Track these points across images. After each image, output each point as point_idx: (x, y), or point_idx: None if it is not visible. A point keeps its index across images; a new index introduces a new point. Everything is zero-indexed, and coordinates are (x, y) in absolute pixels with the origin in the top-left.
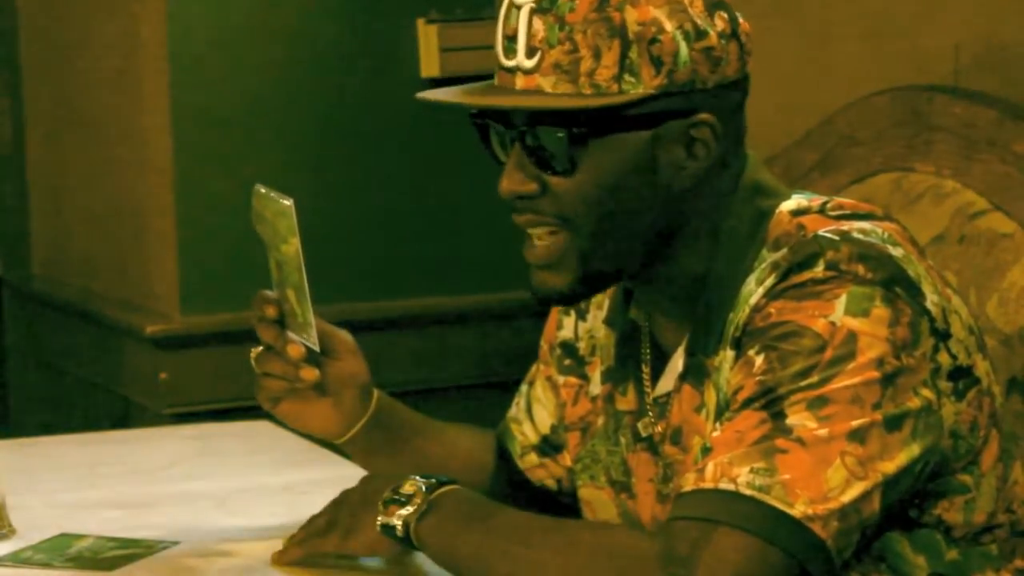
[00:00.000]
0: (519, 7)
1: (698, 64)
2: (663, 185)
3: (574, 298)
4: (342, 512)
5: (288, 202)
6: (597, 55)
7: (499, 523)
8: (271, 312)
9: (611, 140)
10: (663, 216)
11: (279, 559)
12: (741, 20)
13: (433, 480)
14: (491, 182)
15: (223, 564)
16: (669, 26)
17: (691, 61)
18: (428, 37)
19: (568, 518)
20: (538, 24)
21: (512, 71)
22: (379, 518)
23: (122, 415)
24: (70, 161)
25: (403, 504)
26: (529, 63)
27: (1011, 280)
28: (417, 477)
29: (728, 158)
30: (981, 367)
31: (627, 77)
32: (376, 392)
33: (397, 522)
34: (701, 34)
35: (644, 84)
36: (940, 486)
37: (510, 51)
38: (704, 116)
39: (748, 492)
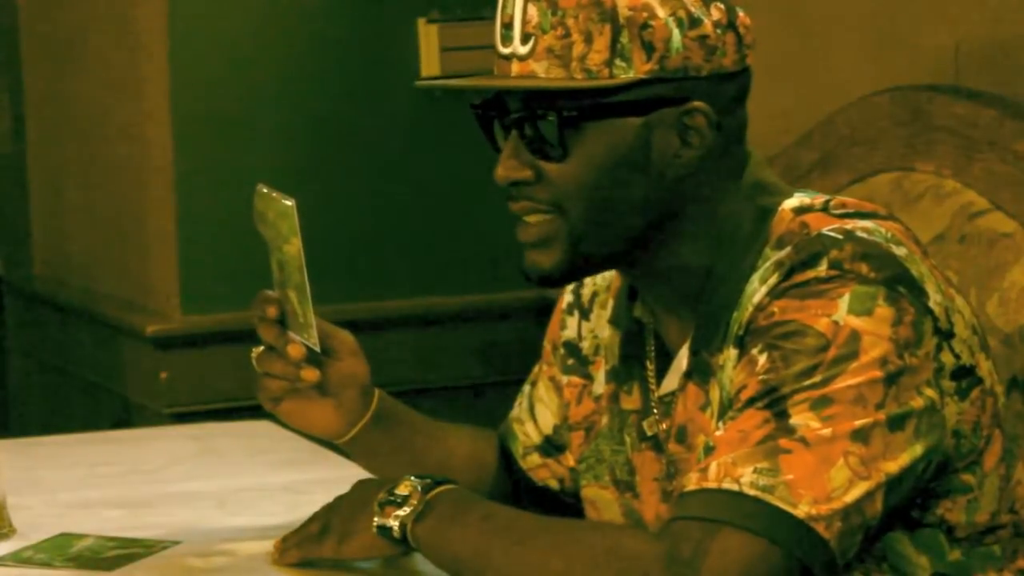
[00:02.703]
0: None
1: (691, 52)
2: (657, 173)
3: (563, 279)
4: (336, 516)
5: (290, 202)
6: (588, 40)
7: (498, 523)
8: (272, 312)
9: (603, 125)
10: (658, 204)
11: (275, 560)
12: (741, 13)
13: (429, 480)
14: (491, 182)
15: (223, 564)
16: (661, 12)
17: (684, 48)
18: (428, 37)
19: (569, 518)
20: (532, 10)
21: (508, 58)
22: (375, 519)
23: (122, 415)
24: (70, 161)
25: (399, 505)
26: (524, 49)
27: (1011, 280)
28: (412, 477)
29: (726, 150)
30: (984, 367)
31: (618, 62)
32: (377, 392)
33: (394, 523)
34: (695, 22)
35: (635, 69)
36: (942, 485)
37: (507, 38)
38: (697, 104)
39: (752, 492)
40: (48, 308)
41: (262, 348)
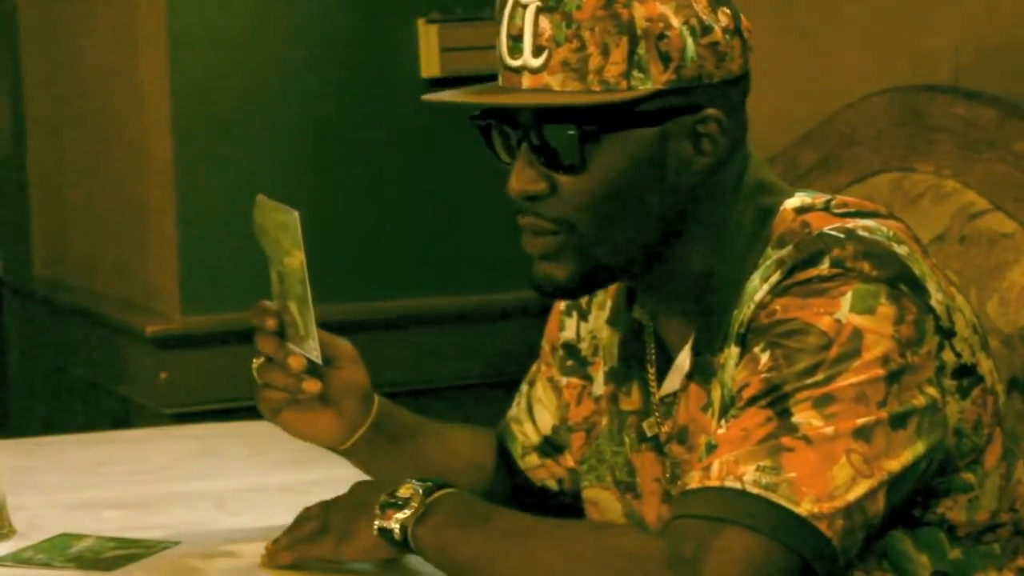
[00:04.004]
0: (525, 6)
1: (705, 60)
2: (670, 181)
3: (575, 291)
4: (335, 517)
5: (293, 214)
6: (605, 52)
7: (500, 525)
8: (271, 324)
9: (620, 136)
10: (669, 213)
11: (267, 562)
12: (742, 16)
13: (430, 483)
14: (491, 182)
15: (223, 564)
16: (676, 21)
17: (698, 57)
18: (428, 37)
19: (569, 518)
20: (545, 23)
21: (518, 71)
22: (376, 522)
23: (122, 415)
24: (70, 161)
25: (400, 508)
26: (536, 62)
27: (1011, 280)
28: (413, 480)
29: (732, 155)
30: (984, 365)
31: (636, 73)
32: (377, 398)
33: (395, 526)
34: (707, 29)
35: (653, 80)
36: (943, 484)
37: (515, 50)
38: (711, 111)
39: (754, 491)
40: (48, 308)
41: (263, 359)
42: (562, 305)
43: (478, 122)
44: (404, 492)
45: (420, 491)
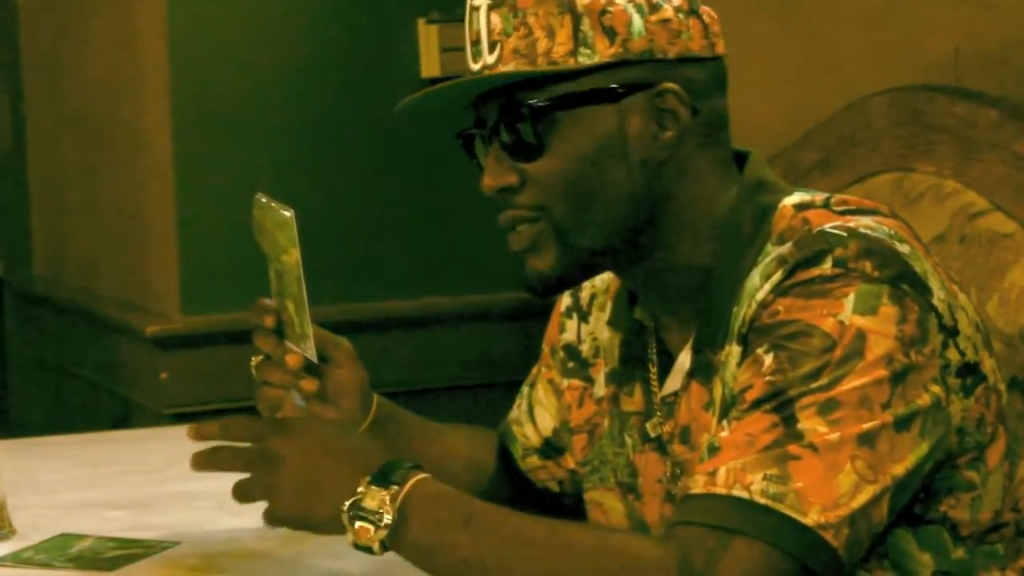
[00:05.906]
0: (478, 8)
1: (655, 35)
2: (637, 160)
3: (562, 280)
4: (293, 490)
5: (289, 213)
6: (551, 34)
7: (487, 527)
8: (269, 322)
9: (576, 116)
10: (644, 193)
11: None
12: (703, 6)
13: (394, 487)
14: None
15: (223, 564)
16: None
17: (647, 32)
18: (428, 37)
19: (569, 519)
20: (495, 19)
21: (479, 73)
22: (349, 536)
23: (122, 415)
24: (70, 161)
25: (373, 522)
26: (492, 58)
27: (1011, 280)
28: (374, 486)
29: (708, 138)
30: (988, 364)
31: (582, 50)
32: (376, 398)
33: (373, 544)
34: (655, 7)
35: (599, 55)
36: (945, 480)
37: (477, 54)
38: (668, 85)
39: (763, 501)
40: (48, 308)
41: (261, 356)
42: (562, 307)
43: (459, 135)
44: (370, 503)
45: (387, 500)
